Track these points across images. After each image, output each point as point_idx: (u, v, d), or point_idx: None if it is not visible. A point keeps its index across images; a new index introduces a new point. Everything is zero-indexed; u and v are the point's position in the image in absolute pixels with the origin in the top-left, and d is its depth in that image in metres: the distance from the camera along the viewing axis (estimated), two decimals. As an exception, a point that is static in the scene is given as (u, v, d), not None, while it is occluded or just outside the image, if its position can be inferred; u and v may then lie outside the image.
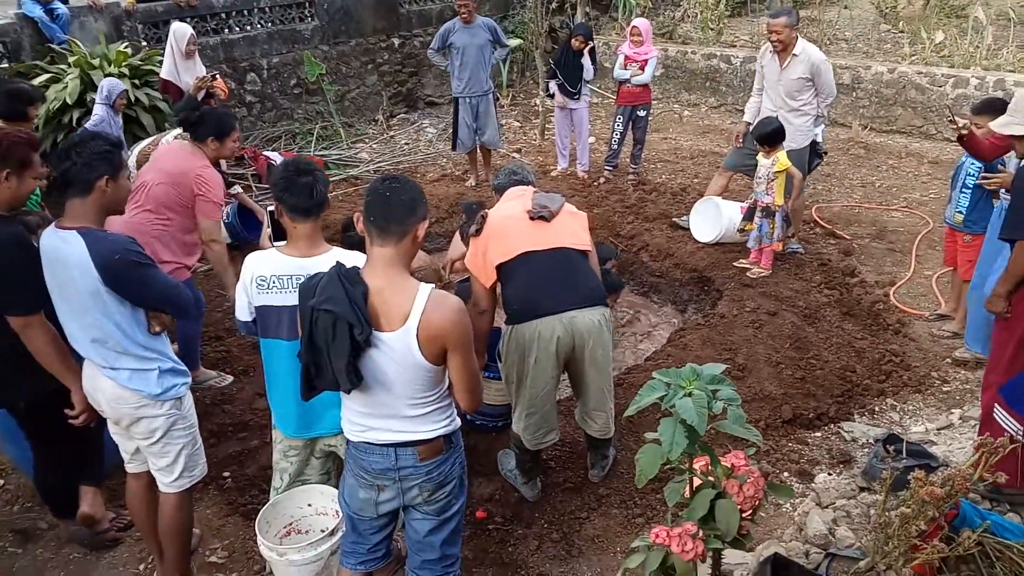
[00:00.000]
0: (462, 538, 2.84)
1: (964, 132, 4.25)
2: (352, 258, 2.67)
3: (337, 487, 3.03)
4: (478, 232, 3.48)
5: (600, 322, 3.38)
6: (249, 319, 2.85)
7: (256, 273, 2.77)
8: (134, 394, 2.84)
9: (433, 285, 2.46)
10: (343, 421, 2.60)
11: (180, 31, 6.52)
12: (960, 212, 4.62)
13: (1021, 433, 3.18)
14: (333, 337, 2.28)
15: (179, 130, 4.95)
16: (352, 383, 2.33)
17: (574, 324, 3.31)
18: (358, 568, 2.70)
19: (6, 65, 7.28)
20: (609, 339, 3.48)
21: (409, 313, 2.32)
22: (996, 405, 3.38)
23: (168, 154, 4.39)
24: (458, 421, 2.65)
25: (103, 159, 2.77)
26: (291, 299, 2.70)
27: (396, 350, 2.34)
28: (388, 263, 2.36)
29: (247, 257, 2.83)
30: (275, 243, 2.90)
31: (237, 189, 6.15)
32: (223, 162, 6.02)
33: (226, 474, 3.82)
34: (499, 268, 3.39)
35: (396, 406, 2.44)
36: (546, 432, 3.50)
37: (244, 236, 6.04)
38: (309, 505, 3.11)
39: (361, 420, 2.50)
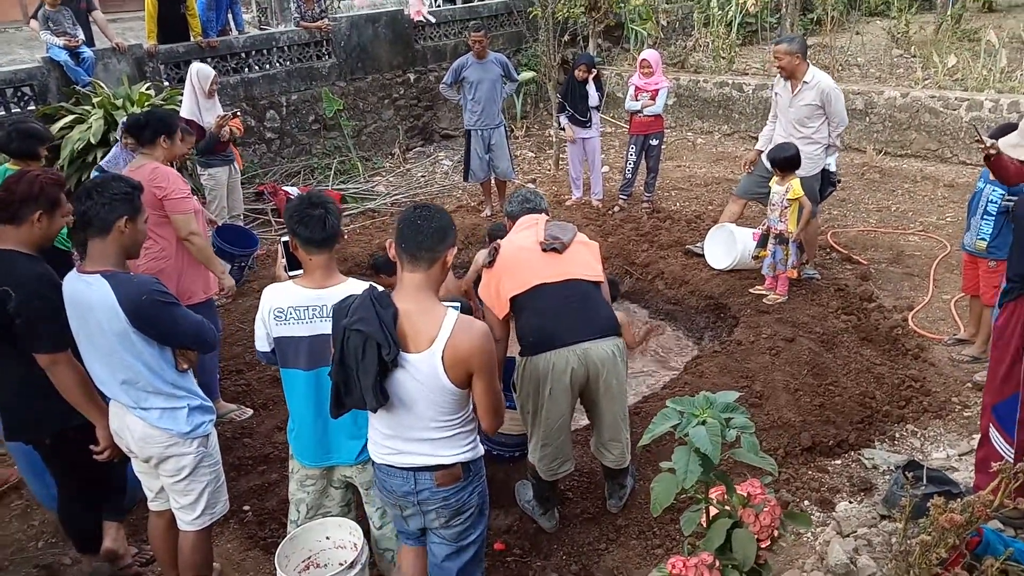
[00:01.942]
0: (483, 569, 2.86)
1: (992, 152, 4.23)
2: (361, 287, 2.72)
3: (356, 519, 3.07)
4: (491, 264, 3.52)
5: (614, 352, 3.39)
6: (268, 349, 2.91)
7: (274, 305, 2.82)
8: (163, 433, 2.89)
9: (458, 310, 2.56)
10: (370, 443, 2.68)
11: (203, 72, 6.66)
12: (983, 239, 4.58)
13: (1011, 455, 3.14)
14: (363, 356, 2.38)
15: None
16: (378, 401, 2.43)
17: (588, 355, 3.33)
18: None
19: (33, 107, 7.49)
20: (623, 369, 3.49)
21: (436, 336, 2.43)
22: (991, 425, 3.37)
23: None
24: (480, 449, 2.70)
25: (123, 200, 2.84)
26: (308, 330, 2.77)
27: (422, 371, 2.44)
28: (418, 288, 2.48)
29: (265, 289, 2.89)
30: (291, 274, 2.96)
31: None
32: None
33: (246, 508, 3.85)
34: (512, 300, 3.42)
35: (419, 428, 2.53)
36: (561, 463, 3.51)
37: (234, 252, 6.06)
38: (327, 538, 3.12)
39: (385, 442, 2.60)
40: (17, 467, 3.81)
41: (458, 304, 2.70)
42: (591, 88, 7.43)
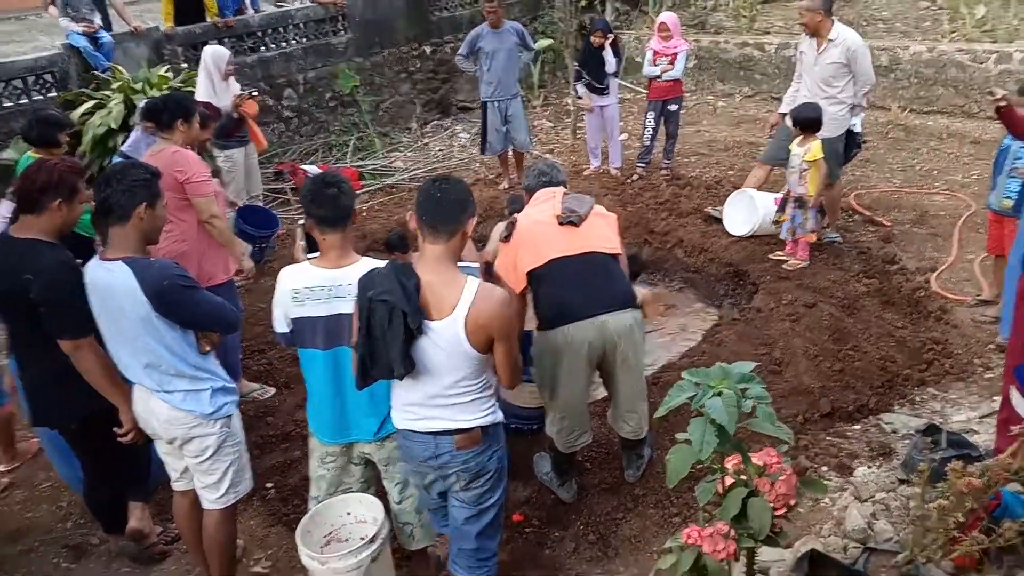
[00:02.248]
0: (501, 538, 2.92)
1: (1002, 104, 4.13)
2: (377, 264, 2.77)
3: (376, 495, 3.12)
4: (508, 238, 3.51)
5: (631, 325, 3.39)
6: (286, 330, 2.93)
7: (291, 286, 2.84)
8: (188, 415, 2.95)
9: (479, 279, 2.70)
10: (393, 411, 2.78)
11: (218, 54, 6.64)
12: (1009, 198, 4.48)
13: None
14: (389, 325, 2.49)
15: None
16: (406, 368, 2.53)
17: (605, 328, 3.33)
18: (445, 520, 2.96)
19: (55, 94, 7.56)
20: (641, 341, 3.49)
21: (457, 303, 2.54)
22: (1012, 387, 3.31)
23: None
24: (499, 415, 2.80)
25: (142, 187, 2.88)
26: (324, 310, 2.80)
27: (444, 338, 2.55)
28: (439, 258, 2.58)
29: (281, 271, 2.91)
30: (308, 256, 2.99)
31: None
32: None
33: (269, 485, 3.93)
34: (529, 274, 3.42)
35: (441, 393, 2.64)
36: (579, 435, 3.53)
37: (255, 233, 6.09)
38: (348, 514, 3.18)
39: (408, 408, 2.70)
40: (45, 450, 3.92)
41: (474, 268, 2.73)
42: (608, 54, 7.29)
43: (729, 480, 2.77)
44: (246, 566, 3.48)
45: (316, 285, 2.81)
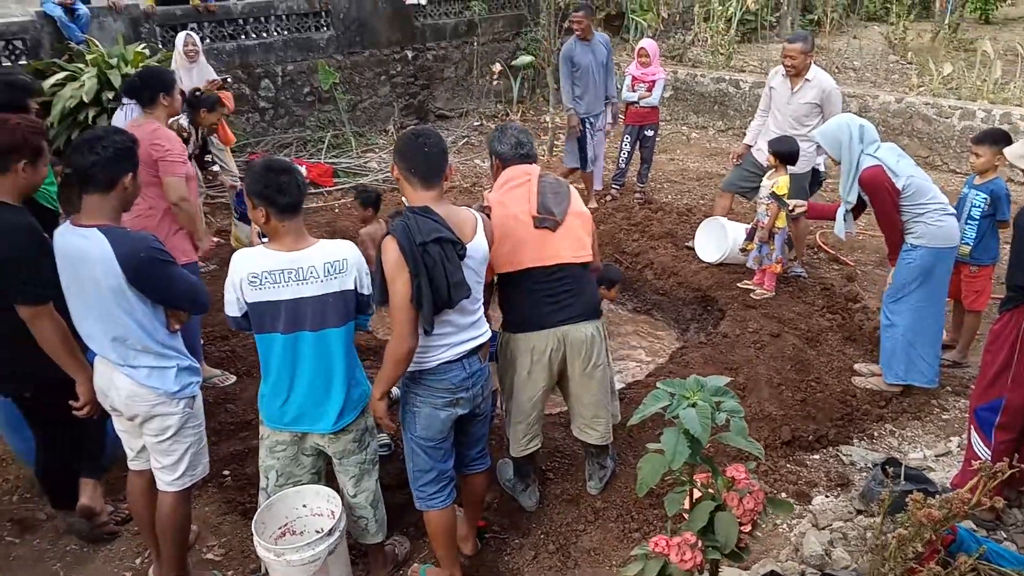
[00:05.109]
0: None
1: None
2: (337, 245, 2.82)
3: (328, 487, 3.06)
4: None
5: (593, 335, 3.42)
6: (239, 314, 2.84)
7: (248, 271, 2.75)
8: (151, 391, 2.87)
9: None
10: (423, 354, 2.89)
11: (180, 36, 6.62)
12: (966, 244, 4.63)
13: (989, 457, 3.19)
14: (447, 258, 2.72)
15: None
16: (467, 291, 2.80)
17: (567, 337, 3.37)
18: (447, 502, 3.11)
19: (24, 62, 7.37)
20: (603, 349, 3.51)
21: (476, 225, 2.92)
22: (971, 428, 3.43)
23: None
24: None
25: (127, 155, 2.81)
26: (285, 293, 2.74)
27: (476, 258, 2.90)
28: (435, 200, 2.85)
29: (235, 254, 2.82)
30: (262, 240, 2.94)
31: (215, 168, 6.19)
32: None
33: (226, 472, 3.84)
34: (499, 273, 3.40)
35: (470, 312, 2.95)
36: (530, 439, 3.55)
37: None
38: (304, 506, 3.11)
39: (439, 342, 2.89)
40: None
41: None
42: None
43: (697, 493, 2.78)
44: (198, 552, 3.38)
45: (275, 269, 2.74)
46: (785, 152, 5.38)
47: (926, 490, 3.29)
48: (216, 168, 6.34)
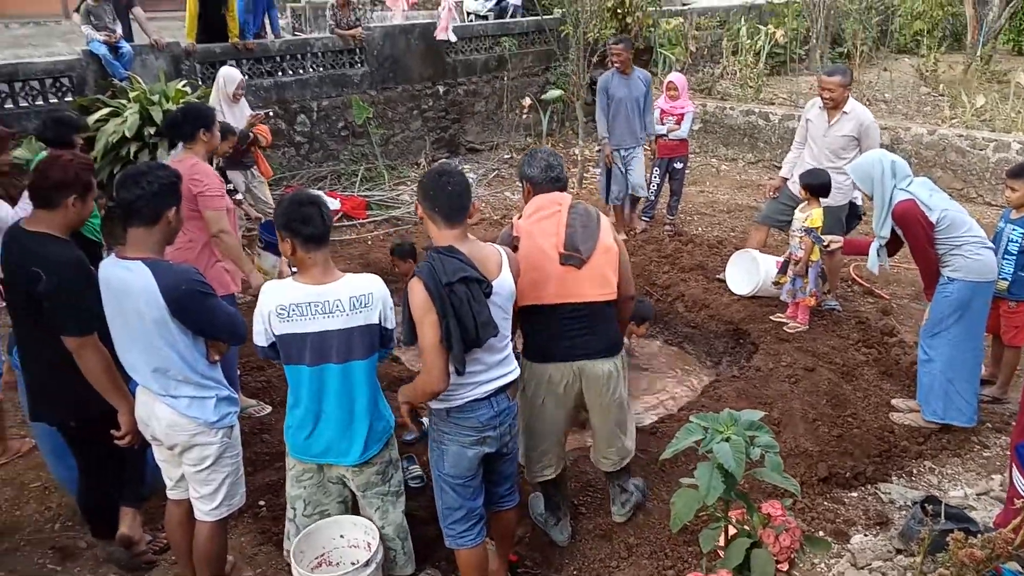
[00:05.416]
0: None
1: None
2: (363, 279, 2.88)
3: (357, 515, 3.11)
4: None
5: (611, 371, 3.42)
6: (266, 344, 2.88)
7: (276, 303, 2.80)
8: (191, 421, 2.92)
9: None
10: (451, 392, 2.89)
11: (230, 76, 6.70)
12: (1004, 279, 4.57)
13: None
14: (473, 297, 2.74)
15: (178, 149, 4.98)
16: (495, 330, 2.81)
17: (584, 372, 3.39)
18: (477, 540, 3.11)
19: (70, 99, 7.61)
20: (620, 385, 3.49)
21: (501, 262, 2.93)
22: (1013, 465, 3.35)
23: None
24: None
25: (171, 190, 2.89)
26: (312, 326, 2.79)
27: (502, 294, 2.91)
28: (459, 237, 2.87)
29: (264, 287, 2.88)
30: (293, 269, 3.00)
31: (238, 197, 6.27)
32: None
33: (261, 503, 3.86)
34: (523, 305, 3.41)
35: (497, 350, 2.94)
36: (544, 467, 3.55)
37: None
38: (341, 536, 3.14)
39: (467, 380, 2.89)
40: (39, 448, 3.85)
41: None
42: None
43: (732, 530, 2.76)
44: (233, 582, 3.40)
45: (302, 302, 2.79)
46: (816, 185, 5.37)
47: (967, 529, 3.22)
48: (239, 197, 6.46)
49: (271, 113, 7.15)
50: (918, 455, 4.33)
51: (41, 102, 7.53)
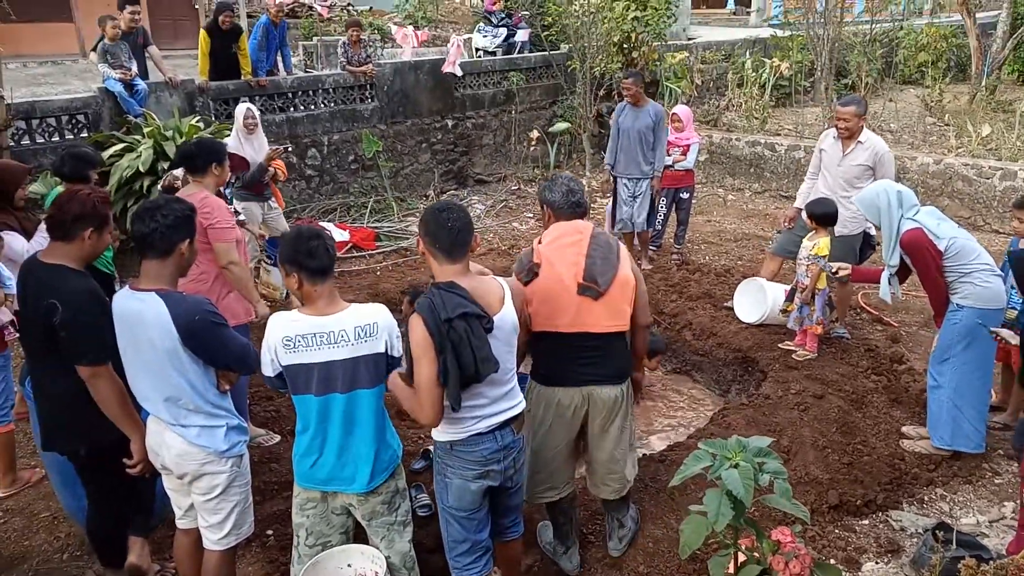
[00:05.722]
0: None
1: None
2: (368, 309, 2.91)
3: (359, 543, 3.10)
4: (527, 283, 3.48)
5: (617, 397, 3.44)
6: (273, 375, 2.91)
7: (283, 334, 2.83)
8: (201, 450, 2.95)
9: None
10: (450, 424, 2.91)
11: (239, 109, 6.94)
12: (1013, 308, 4.57)
13: None
14: (472, 333, 2.73)
15: (180, 171, 5.06)
16: (495, 366, 2.79)
17: (591, 396, 3.41)
18: (482, 572, 3.11)
19: (86, 135, 7.75)
20: (625, 411, 3.51)
21: (503, 296, 2.92)
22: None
23: None
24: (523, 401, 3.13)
25: (186, 223, 2.95)
26: (317, 356, 2.81)
27: (504, 329, 2.89)
28: (462, 272, 2.89)
29: (271, 318, 2.90)
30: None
31: (242, 218, 6.33)
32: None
33: (269, 532, 3.86)
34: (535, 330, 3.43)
35: (501, 384, 2.93)
36: (546, 489, 3.55)
37: None
38: (349, 566, 3.12)
39: (470, 414, 2.89)
40: (49, 478, 3.88)
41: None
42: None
43: (742, 557, 2.75)
44: (241, 612, 3.40)
45: (308, 333, 2.82)
46: (820, 214, 5.41)
47: (980, 556, 3.20)
48: (242, 218, 6.54)
49: (290, 147, 7.25)
50: (929, 482, 4.30)
51: (57, 138, 7.67)
